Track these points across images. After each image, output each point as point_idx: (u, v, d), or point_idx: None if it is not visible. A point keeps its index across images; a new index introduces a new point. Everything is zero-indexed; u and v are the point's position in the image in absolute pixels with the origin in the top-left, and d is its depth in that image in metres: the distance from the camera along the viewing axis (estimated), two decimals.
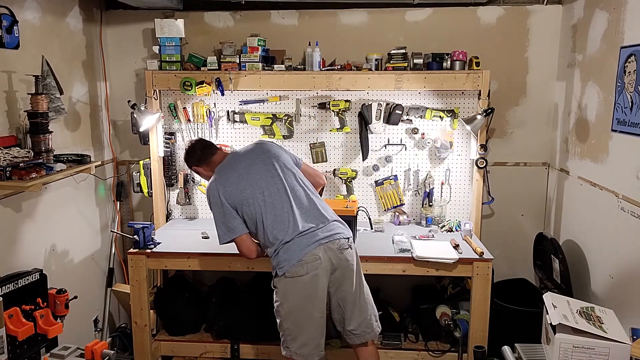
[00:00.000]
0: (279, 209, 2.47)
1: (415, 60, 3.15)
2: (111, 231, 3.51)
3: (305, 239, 2.42)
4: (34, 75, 2.59)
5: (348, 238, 2.51)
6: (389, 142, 3.33)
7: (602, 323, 1.91)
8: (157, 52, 3.21)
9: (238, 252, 2.57)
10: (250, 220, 2.50)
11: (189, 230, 3.25)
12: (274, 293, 2.50)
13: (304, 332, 2.46)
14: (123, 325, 3.53)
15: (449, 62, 3.11)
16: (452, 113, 3.25)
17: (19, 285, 2.26)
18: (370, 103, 3.23)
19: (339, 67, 3.21)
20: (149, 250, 2.88)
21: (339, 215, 2.64)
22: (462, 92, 3.25)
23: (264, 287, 3.30)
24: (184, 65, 3.22)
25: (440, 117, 3.25)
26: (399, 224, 3.35)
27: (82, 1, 3.22)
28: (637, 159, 2.34)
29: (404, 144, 3.34)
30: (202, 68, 3.20)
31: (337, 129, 3.30)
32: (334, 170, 3.39)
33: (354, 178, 3.39)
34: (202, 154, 2.69)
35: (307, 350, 2.46)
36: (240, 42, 3.29)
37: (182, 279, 3.49)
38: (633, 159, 2.37)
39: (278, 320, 2.52)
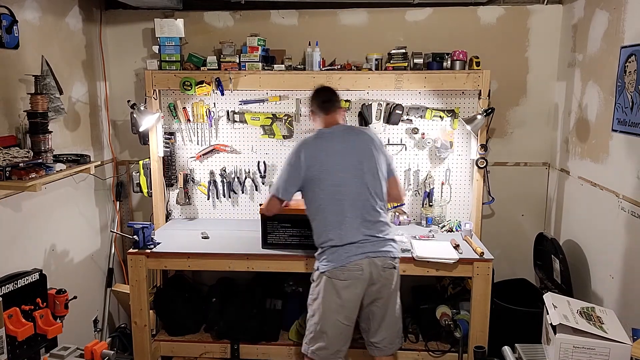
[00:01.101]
0: (345, 210, 2.45)
1: (415, 60, 3.15)
2: (111, 231, 3.51)
3: (354, 248, 2.41)
4: (33, 75, 2.59)
5: (395, 258, 2.51)
6: (389, 142, 3.33)
7: (603, 323, 1.91)
8: (157, 52, 3.21)
9: (265, 205, 2.65)
10: (313, 200, 2.50)
11: (188, 230, 3.24)
12: (312, 285, 2.53)
13: (327, 335, 2.46)
14: (123, 325, 3.53)
15: (449, 62, 3.11)
16: (452, 113, 3.25)
17: (19, 286, 2.26)
18: (370, 103, 3.23)
19: (339, 67, 3.21)
20: (148, 251, 2.88)
21: None
22: (462, 92, 3.24)
23: (264, 287, 3.32)
24: (184, 65, 3.22)
25: (440, 117, 3.25)
26: (399, 224, 3.35)
27: (82, 1, 3.22)
28: (638, 159, 2.34)
29: (404, 144, 3.34)
30: (202, 68, 3.20)
31: None
32: None
33: None
34: (323, 104, 2.64)
35: (325, 354, 2.47)
36: (240, 42, 3.29)
37: (182, 279, 3.49)
38: (633, 159, 2.37)
39: (307, 316, 2.55)
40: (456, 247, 2.88)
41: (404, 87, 3.10)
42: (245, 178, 3.44)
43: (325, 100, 2.64)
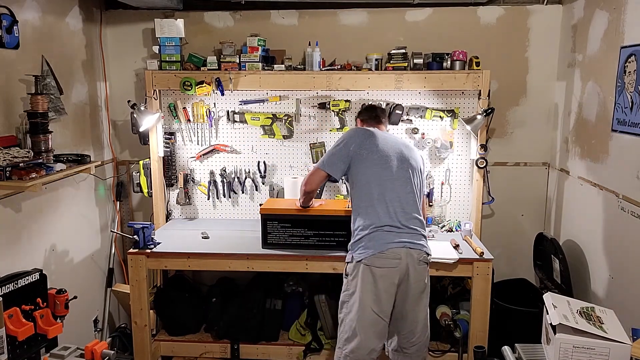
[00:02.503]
0: (387, 194, 2.47)
1: (415, 60, 3.15)
2: (111, 231, 3.51)
3: (392, 235, 2.42)
4: (33, 75, 2.59)
5: (429, 255, 2.52)
6: None
7: (603, 323, 1.91)
8: (157, 52, 3.21)
9: (307, 178, 2.63)
10: (357, 179, 2.52)
11: (188, 230, 3.25)
12: (345, 281, 2.48)
13: (362, 332, 2.42)
14: (123, 325, 3.53)
15: (449, 62, 3.11)
16: (452, 113, 3.25)
17: (19, 285, 2.25)
18: (370, 103, 3.23)
19: (339, 67, 3.21)
20: (148, 250, 2.88)
21: (338, 215, 2.67)
22: (462, 92, 3.24)
23: (264, 287, 3.32)
24: (184, 65, 3.22)
25: (440, 117, 3.25)
26: None
27: (82, 1, 3.22)
28: (637, 159, 2.34)
29: None
30: (202, 68, 3.20)
31: (337, 129, 3.29)
32: None
33: None
34: (374, 116, 2.81)
35: (359, 355, 2.43)
36: (240, 42, 3.29)
37: (182, 279, 3.49)
38: (633, 159, 2.37)
39: (341, 316, 2.49)
40: (456, 247, 2.88)
41: (404, 87, 3.10)
42: (245, 178, 3.45)
43: (376, 116, 2.82)
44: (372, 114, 2.82)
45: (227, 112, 3.36)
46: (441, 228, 3.26)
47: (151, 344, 3.03)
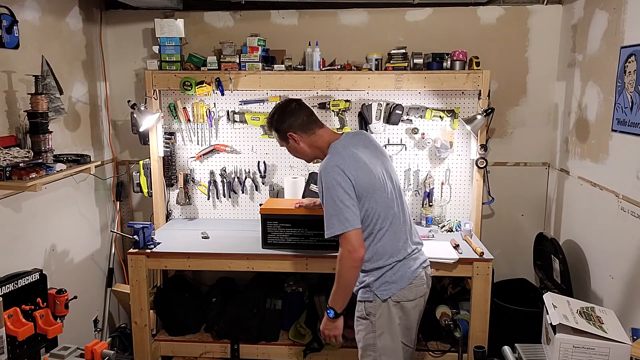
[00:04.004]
0: (397, 218, 2.17)
1: (415, 60, 3.15)
2: (111, 231, 3.51)
3: (412, 261, 2.19)
4: (33, 75, 2.59)
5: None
6: (389, 142, 3.33)
7: (603, 323, 1.91)
8: (157, 52, 3.21)
9: (340, 251, 2.08)
10: (372, 213, 2.11)
11: (188, 230, 3.25)
12: (367, 323, 2.16)
13: None
14: (123, 325, 3.54)
15: (449, 62, 3.11)
16: (452, 113, 3.25)
17: (19, 285, 2.26)
18: (370, 103, 3.23)
19: (339, 67, 3.21)
20: (148, 251, 2.88)
21: None
22: (462, 92, 3.24)
23: (264, 287, 3.32)
24: (184, 65, 3.22)
25: (440, 117, 3.25)
26: None
27: (82, 1, 3.22)
28: (637, 159, 2.34)
29: (404, 144, 3.34)
30: (202, 68, 3.20)
31: (337, 129, 3.29)
32: None
33: None
34: (307, 120, 2.24)
35: None
36: (240, 42, 3.29)
37: (182, 279, 3.49)
38: (633, 159, 2.37)
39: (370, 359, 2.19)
40: (456, 247, 2.88)
41: (404, 87, 3.10)
42: (246, 178, 3.45)
43: (309, 114, 2.27)
44: (310, 115, 2.27)
45: (227, 112, 3.36)
46: (441, 228, 3.26)
47: (151, 344, 3.03)
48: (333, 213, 2.06)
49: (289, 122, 2.24)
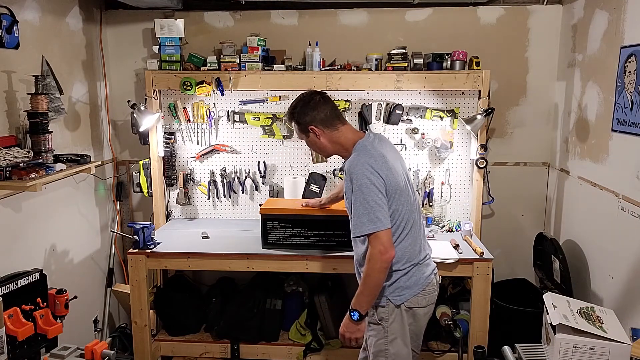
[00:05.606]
0: (417, 221, 2.16)
1: (415, 60, 3.15)
2: (111, 231, 3.51)
3: (425, 267, 2.16)
4: (33, 75, 2.59)
5: None
6: None
7: (603, 323, 1.91)
8: (157, 52, 3.21)
9: (370, 251, 2.00)
10: (397, 215, 2.07)
11: (188, 230, 3.25)
12: (379, 328, 2.11)
13: None
14: (123, 325, 3.53)
15: (449, 62, 3.11)
16: (452, 113, 3.25)
17: (19, 285, 2.26)
18: (370, 103, 3.23)
19: (339, 67, 3.21)
20: (148, 250, 2.88)
21: (339, 215, 2.62)
22: (462, 92, 3.24)
23: (264, 287, 3.32)
24: (184, 65, 3.22)
25: (440, 117, 3.25)
26: None
27: (82, 1, 3.22)
28: (637, 159, 2.34)
29: (404, 144, 3.34)
30: (202, 68, 3.20)
31: None
32: (334, 170, 3.39)
33: None
34: (331, 115, 2.16)
35: None
36: (240, 42, 3.29)
37: (182, 279, 3.49)
38: (633, 159, 2.37)
39: None
40: (456, 247, 2.88)
41: (404, 87, 3.10)
42: (246, 178, 3.45)
43: (333, 108, 2.19)
44: (333, 109, 2.19)
45: (227, 112, 3.36)
46: (441, 228, 3.26)
47: (151, 344, 3.03)
48: (364, 212, 1.98)
49: (312, 115, 2.16)
